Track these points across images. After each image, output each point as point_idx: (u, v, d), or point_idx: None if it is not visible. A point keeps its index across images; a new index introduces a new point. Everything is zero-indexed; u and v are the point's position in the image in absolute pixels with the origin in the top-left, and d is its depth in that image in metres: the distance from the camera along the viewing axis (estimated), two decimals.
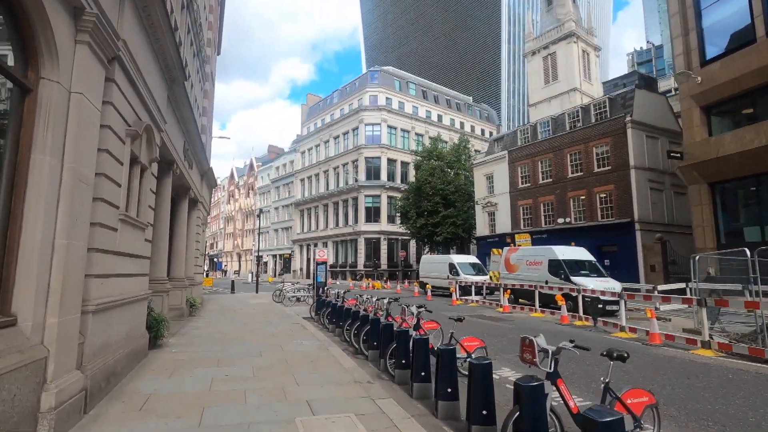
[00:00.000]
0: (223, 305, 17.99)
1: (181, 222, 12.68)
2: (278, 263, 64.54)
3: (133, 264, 6.25)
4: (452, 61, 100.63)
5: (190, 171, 12.33)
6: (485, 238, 33.75)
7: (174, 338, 9.18)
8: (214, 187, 19.33)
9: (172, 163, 9.69)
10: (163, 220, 9.63)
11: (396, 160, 50.33)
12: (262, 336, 9.95)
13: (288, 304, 18.55)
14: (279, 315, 14.60)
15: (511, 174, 31.67)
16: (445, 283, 24.01)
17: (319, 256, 16.34)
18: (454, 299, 19.49)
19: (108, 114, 4.98)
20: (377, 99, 50.73)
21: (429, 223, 36.07)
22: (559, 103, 46.49)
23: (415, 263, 49.38)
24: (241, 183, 79.95)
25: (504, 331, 11.46)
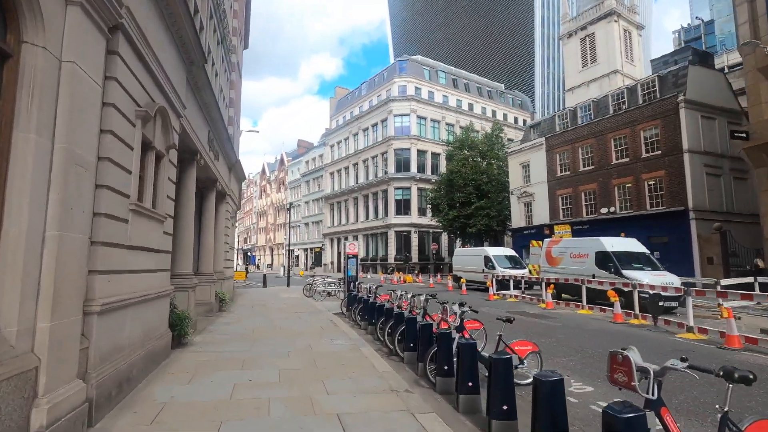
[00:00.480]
0: (254, 300, 17.77)
1: (208, 215, 12.36)
2: (309, 257, 64.98)
3: (149, 258, 5.78)
4: (483, 48, 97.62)
5: (216, 162, 11.96)
6: (521, 230, 32.32)
7: (200, 336, 8.79)
8: (242, 181, 19.09)
9: (196, 153, 9.27)
10: (188, 213, 9.24)
11: (426, 152, 49.21)
12: (291, 333, 9.43)
13: (318, 299, 18.14)
14: (309, 310, 14.14)
15: (549, 162, 30.04)
16: (480, 276, 22.98)
17: (350, 249, 15.76)
18: (491, 294, 18.50)
19: (112, 91, 4.44)
20: (406, 89, 49.66)
21: (461, 215, 34.94)
22: (598, 86, 43.95)
23: (447, 256, 48.32)
24: (272, 178, 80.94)
25: (551, 329, 10.47)
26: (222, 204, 14.60)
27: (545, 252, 18.54)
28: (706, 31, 67.06)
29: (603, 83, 43.85)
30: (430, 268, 44.38)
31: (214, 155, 11.46)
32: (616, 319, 11.62)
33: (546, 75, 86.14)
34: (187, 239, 9.18)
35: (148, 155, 5.69)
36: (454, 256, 26.43)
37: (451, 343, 5.76)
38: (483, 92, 57.84)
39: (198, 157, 9.35)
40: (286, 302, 16.83)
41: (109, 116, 4.40)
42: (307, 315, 12.91)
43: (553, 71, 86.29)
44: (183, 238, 9.10)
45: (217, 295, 12.84)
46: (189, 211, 9.27)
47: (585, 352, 7.95)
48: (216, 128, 11.07)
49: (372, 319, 10.08)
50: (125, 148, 4.81)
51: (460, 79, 56.34)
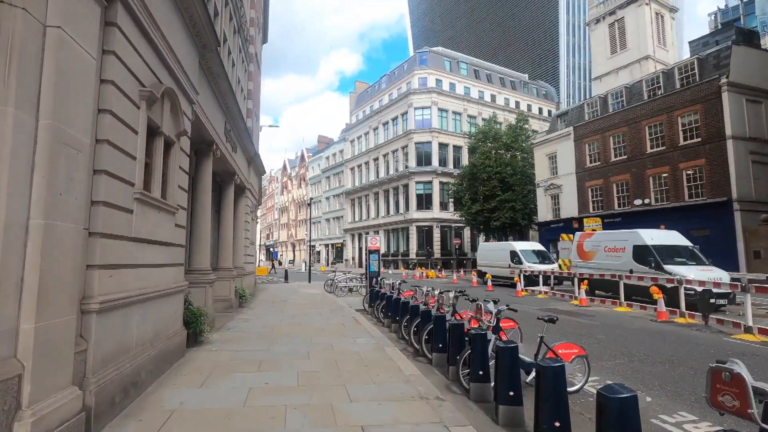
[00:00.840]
0: (275, 295, 17.53)
1: (227, 209, 12.06)
2: (330, 252, 65.04)
3: (159, 252, 5.40)
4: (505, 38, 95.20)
5: (234, 155, 11.63)
6: (548, 224, 31.18)
7: (218, 333, 8.46)
8: (262, 175, 18.82)
9: (212, 143, 8.91)
10: (204, 206, 8.90)
11: (448, 145, 48.24)
12: (312, 331, 9.01)
13: (340, 295, 17.76)
14: (330, 307, 13.74)
15: (578, 152, 28.78)
16: (506, 272, 22.17)
17: (371, 243, 15.27)
18: (519, 290, 17.72)
19: (111, 66, 4.02)
20: (426, 81, 48.73)
21: (485, 209, 33.99)
22: (628, 73, 41.99)
23: (470, 251, 47.39)
24: (293, 174, 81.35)
25: (589, 329, 9.71)
26: (241, 198, 14.33)
27: (576, 246, 17.60)
28: (746, 12, 63.31)
29: (633, 70, 41.87)
30: (452, 263, 43.59)
31: (232, 147, 11.13)
32: (660, 317, 10.75)
33: (571, 64, 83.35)
34: (204, 233, 8.84)
35: (155, 141, 5.29)
36: (478, 250, 25.64)
37: (486, 346, 5.18)
38: (506, 83, 56.29)
39: (214, 148, 8.99)
40: (307, 298, 16.51)
41: (108, 94, 3.99)
42: (328, 311, 12.50)
43: (579, 60, 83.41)
44: (199, 232, 8.77)
45: (237, 290, 12.56)
46: (205, 204, 8.93)
47: (633, 355, 7.21)
48: (233, 119, 10.71)
49: (396, 316, 9.57)
50: (128, 131, 4.40)
51: (482, 70, 54.97)
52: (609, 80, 43.73)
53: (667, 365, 6.56)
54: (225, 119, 10.13)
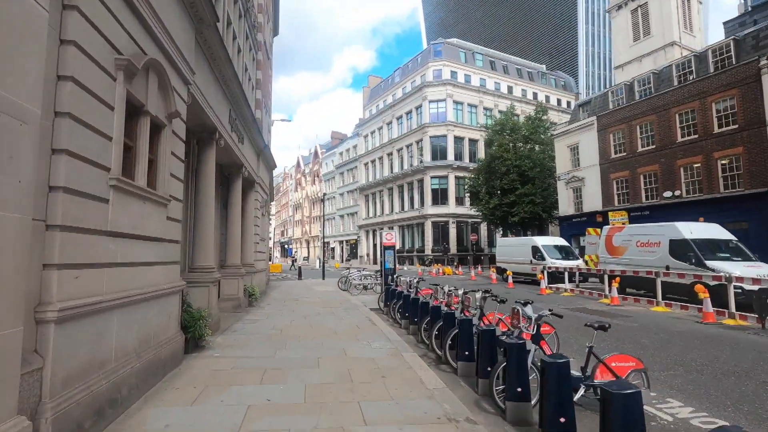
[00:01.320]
0: (287, 293, 16.95)
1: (234, 203, 11.45)
2: (345, 249, 64.59)
3: (146, 249, 4.74)
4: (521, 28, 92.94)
5: (241, 146, 10.99)
6: (569, 218, 29.95)
7: (222, 336, 7.82)
8: (273, 169, 18.23)
9: (214, 131, 8.25)
10: (207, 199, 8.26)
11: (463, 138, 47.11)
12: (324, 334, 8.31)
13: (354, 293, 17.08)
14: (344, 305, 13.06)
15: (602, 143, 27.46)
16: (528, 268, 21.18)
17: (386, 239, 14.51)
18: (543, 288, 16.75)
19: (73, 24, 3.33)
20: (441, 73, 47.61)
21: (503, 203, 32.90)
22: (652, 61, 40.12)
23: (487, 247, 46.30)
24: (307, 171, 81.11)
25: (629, 332, 8.79)
26: (250, 192, 13.73)
27: (605, 241, 16.55)
28: None
29: (658, 57, 40.00)
30: (469, 259, 42.61)
31: (238, 137, 10.48)
32: (706, 319, 9.73)
33: (591, 54, 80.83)
34: (207, 229, 8.21)
35: (139, 121, 4.62)
36: (497, 246, 24.66)
37: (525, 358, 4.38)
38: (523, 74, 54.72)
39: (217, 137, 8.33)
40: (320, 296, 15.87)
41: (70, 58, 3.30)
42: (342, 311, 11.81)
43: (599, 49, 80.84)
44: (202, 228, 8.14)
45: (246, 289, 11.97)
46: (209, 197, 8.29)
47: (687, 365, 6.30)
48: (238, 107, 10.05)
49: (414, 317, 8.82)
50: (99, 105, 3.72)
51: (498, 61, 53.53)
52: (631, 69, 41.91)
53: (733, 378, 5.64)
54: (230, 107, 9.47)
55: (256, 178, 13.84)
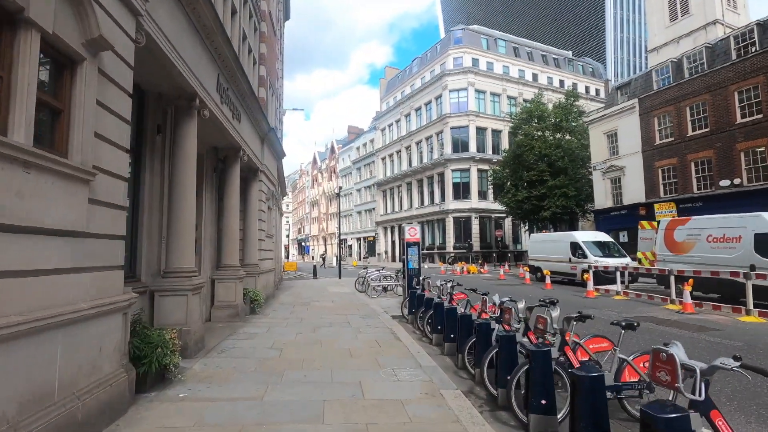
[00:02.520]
0: (298, 296, 15.21)
1: (231, 193, 9.69)
2: (362, 246, 62.91)
3: (45, 249, 2.94)
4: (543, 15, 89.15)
5: (237, 124, 9.20)
6: (606, 212, 27.42)
7: (202, 361, 6.04)
8: (282, 158, 16.48)
9: (194, 97, 6.44)
10: (185, 184, 6.48)
11: (486, 129, 44.69)
12: (335, 356, 6.45)
13: (372, 295, 15.22)
14: (361, 311, 11.21)
15: (645, 127, 24.84)
16: (566, 267, 18.94)
17: (410, 234, 12.58)
18: (590, 290, 14.54)
19: None
20: (462, 61, 45.24)
21: (532, 196, 30.51)
22: (691, 41, 36.83)
23: (511, 244, 43.87)
24: (323, 167, 79.72)
25: (724, 350, 6.64)
26: (254, 182, 11.98)
27: (663, 235, 14.22)
28: None
29: (698, 37, 36.71)
30: (494, 256, 40.35)
31: (232, 112, 8.69)
32: None
33: (619, 39, 76.79)
34: (185, 222, 6.43)
35: (16, 37, 2.79)
36: (529, 242, 22.43)
37: None
38: (548, 60, 51.81)
39: (198, 104, 6.52)
40: (334, 300, 14.06)
41: None
42: (359, 319, 9.95)
43: (628, 34, 76.69)
44: (178, 221, 6.36)
45: (247, 294, 10.22)
46: (187, 180, 6.51)
47: None
48: (230, 74, 8.26)
49: (451, 334, 6.89)
50: None
51: (522, 47, 50.77)
52: (668, 51, 38.66)
53: None
54: (218, 71, 7.67)
55: (259, 165, 12.08)
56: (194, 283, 6.30)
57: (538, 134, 31.86)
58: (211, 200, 9.43)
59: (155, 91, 6.40)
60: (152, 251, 6.40)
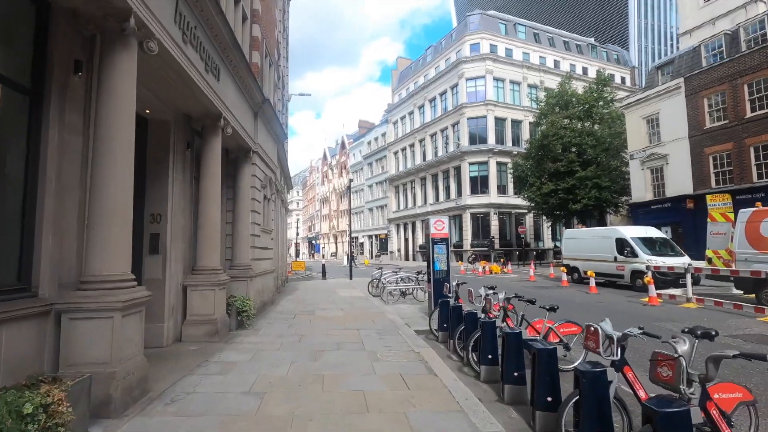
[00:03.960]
0: (302, 302, 13.02)
1: (209, 174, 7.47)
2: (374, 244, 60.70)
3: None
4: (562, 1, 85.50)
5: (213, 80, 6.95)
6: (646, 205, 24.70)
7: (129, 426, 3.82)
8: (284, 140, 14.26)
9: (127, 16, 4.21)
10: (115, 147, 4.26)
11: (505, 119, 42.02)
12: (341, 411, 4.19)
13: (389, 301, 12.94)
14: (378, 324, 8.95)
15: (692, 110, 22.09)
16: (610, 267, 16.44)
17: (436, 228, 10.25)
18: (651, 296, 12.05)
19: None
20: (480, 47, 42.60)
21: (560, 189, 27.87)
22: (729, 22, 33.67)
23: (533, 241, 41.21)
24: (334, 163, 77.66)
25: None
26: (246, 165, 9.77)
27: (744, 230, 11.67)
28: None
29: (737, 16, 33.58)
30: (516, 254, 37.80)
31: (204, 63, 6.44)
32: None
33: (643, 26, 72.99)
34: (116, 203, 4.21)
35: None
36: (564, 239, 19.91)
37: None
38: (571, 46, 48.88)
39: (131, 25, 4.28)
40: (344, 306, 11.83)
41: None
42: (375, 336, 7.69)
43: (653, 21, 72.84)
44: (102, 201, 4.15)
45: (233, 304, 8.02)
46: (119, 142, 4.30)
47: None
48: (200, 7, 6.02)
49: (516, 371, 4.58)
50: None
51: (543, 33, 47.93)
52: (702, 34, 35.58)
53: None
54: None
55: (252, 144, 9.86)
56: (125, 299, 4.07)
57: (565, 122, 29.19)
58: (182, 183, 7.24)
59: (68, 6, 4.19)
60: (65, 250, 4.20)
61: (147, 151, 6.70)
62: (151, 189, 6.69)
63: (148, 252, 6.59)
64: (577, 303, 12.52)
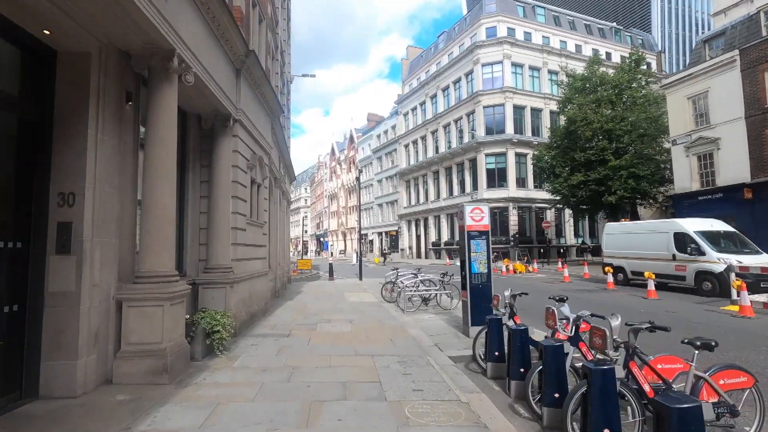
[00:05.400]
0: (302, 311, 10.72)
1: (159, 137, 5.15)
2: (384, 241, 58.37)
3: None
4: None
5: (165, 2, 4.70)
6: (691, 196, 21.97)
7: None
8: (280, 114, 11.89)
9: None
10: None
11: (524, 107, 39.30)
12: None
13: (408, 309, 10.55)
14: (399, 347, 6.60)
15: (749, 86, 19.31)
16: (668, 267, 13.92)
17: (473, 218, 7.82)
18: (744, 305, 9.52)
19: None
20: (496, 30, 39.91)
21: (590, 180, 25.21)
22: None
23: (555, 238, 38.52)
24: (342, 158, 75.39)
25: None
26: (224, 137, 7.46)
27: None
28: None
29: None
30: (540, 252, 35.18)
31: None
32: None
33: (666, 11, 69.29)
34: None
35: None
36: (605, 234, 17.33)
37: None
38: (593, 30, 45.90)
39: None
40: (354, 317, 9.50)
41: None
42: (397, 370, 5.35)
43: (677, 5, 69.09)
44: None
45: (197, 324, 5.73)
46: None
47: None
48: None
49: None
50: None
51: (563, 16, 45.01)
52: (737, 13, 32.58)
53: None
54: None
55: (230, 108, 7.53)
56: None
57: (593, 106, 26.48)
58: (115, 150, 4.94)
59: None
60: None
61: (54, 96, 4.42)
62: (59, 155, 4.41)
63: (54, 251, 4.31)
64: (642, 312, 10.05)
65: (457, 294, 10.93)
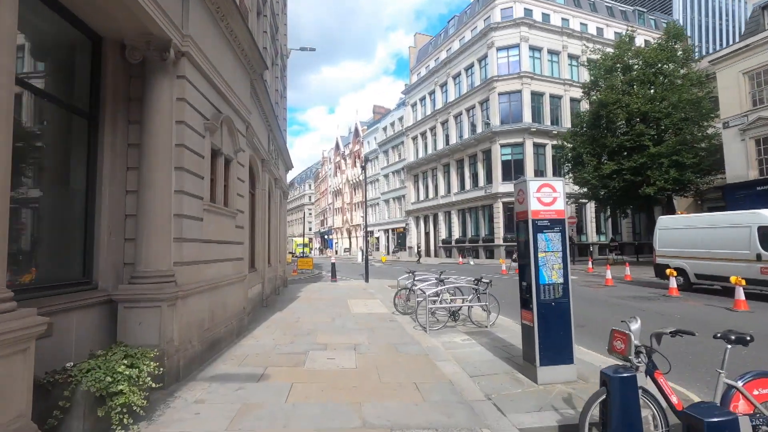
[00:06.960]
0: (291, 330, 8.11)
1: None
2: (391, 238, 55.75)
3: None
4: None
5: None
6: (747, 186, 19.14)
7: None
8: (264, 70, 9.25)
9: None
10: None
11: (543, 94, 36.44)
12: None
13: (431, 327, 7.87)
14: (428, 405, 3.96)
15: None
16: (750, 270, 11.15)
17: (540, 201, 5.08)
18: None
19: None
20: (513, 11, 37.03)
21: (624, 169, 22.39)
22: None
23: (575, 235, 35.60)
24: (347, 152, 72.76)
25: None
26: (161, 78, 4.87)
27: None
28: None
29: None
30: None
31: None
32: None
33: None
34: None
35: None
36: (658, 230, 14.55)
37: None
38: (615, 12, 42.89)
39: None
40: (360, 340, 6.88)
41: None
42: None
43: None
44: None
45: (75, 383, 3.11)
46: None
47: None
48: None
49: None
50: None
51: None
52: None
53: None
54: None
55: (169, 29, 4.90)
56: None
57: (626, 87, 23.68)
58: None
59: None
60: None
61: None
62: None
63: None
64: (741, 329, 7.33)
65: (496, 306, 8.31)
